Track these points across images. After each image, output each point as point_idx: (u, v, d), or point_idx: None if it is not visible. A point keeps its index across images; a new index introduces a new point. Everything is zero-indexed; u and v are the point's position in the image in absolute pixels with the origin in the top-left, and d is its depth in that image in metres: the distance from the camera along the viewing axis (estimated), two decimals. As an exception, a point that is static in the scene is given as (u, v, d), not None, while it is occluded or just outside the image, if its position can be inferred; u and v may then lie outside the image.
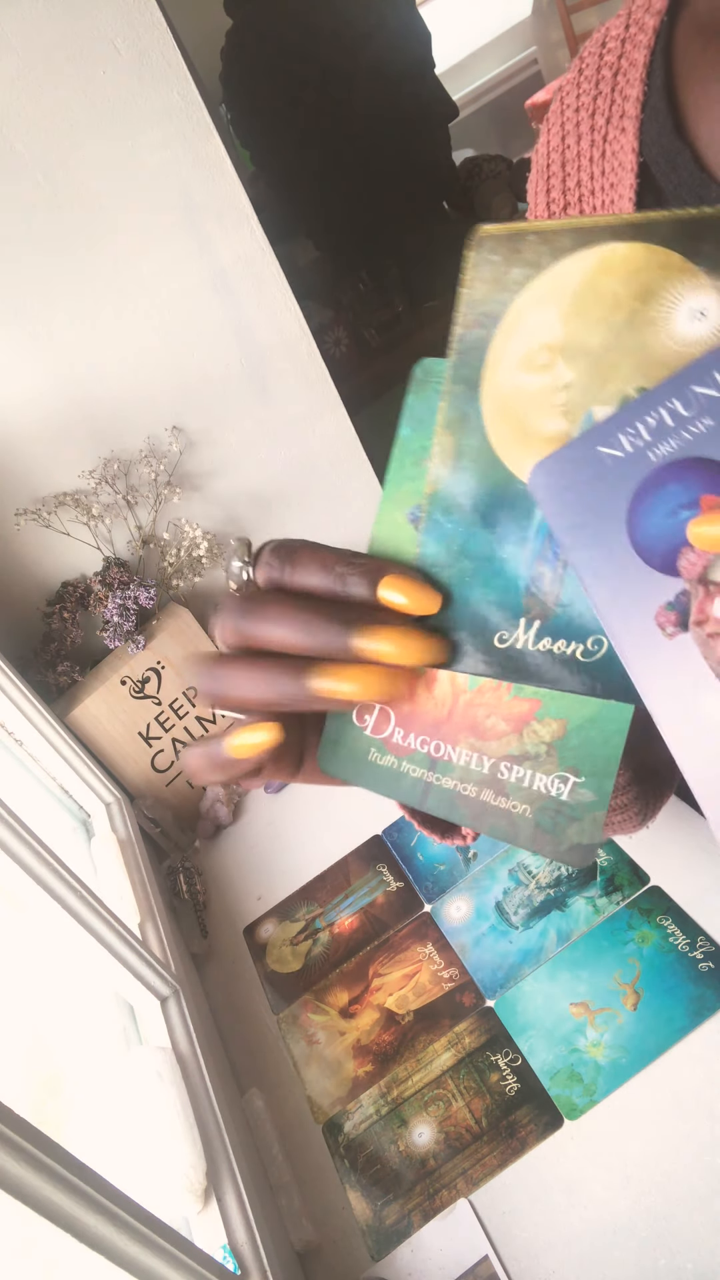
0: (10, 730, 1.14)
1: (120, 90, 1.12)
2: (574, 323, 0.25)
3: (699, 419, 0.23)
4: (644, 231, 0.24)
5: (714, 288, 0.24)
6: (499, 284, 0.26)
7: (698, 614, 0.23)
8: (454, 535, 0.27)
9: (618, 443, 0.24)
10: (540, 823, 0.27)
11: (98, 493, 1.32)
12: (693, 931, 0.86)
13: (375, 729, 0.29)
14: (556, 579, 0.26)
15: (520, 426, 0.26)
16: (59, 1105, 0.84)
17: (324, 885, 1.16)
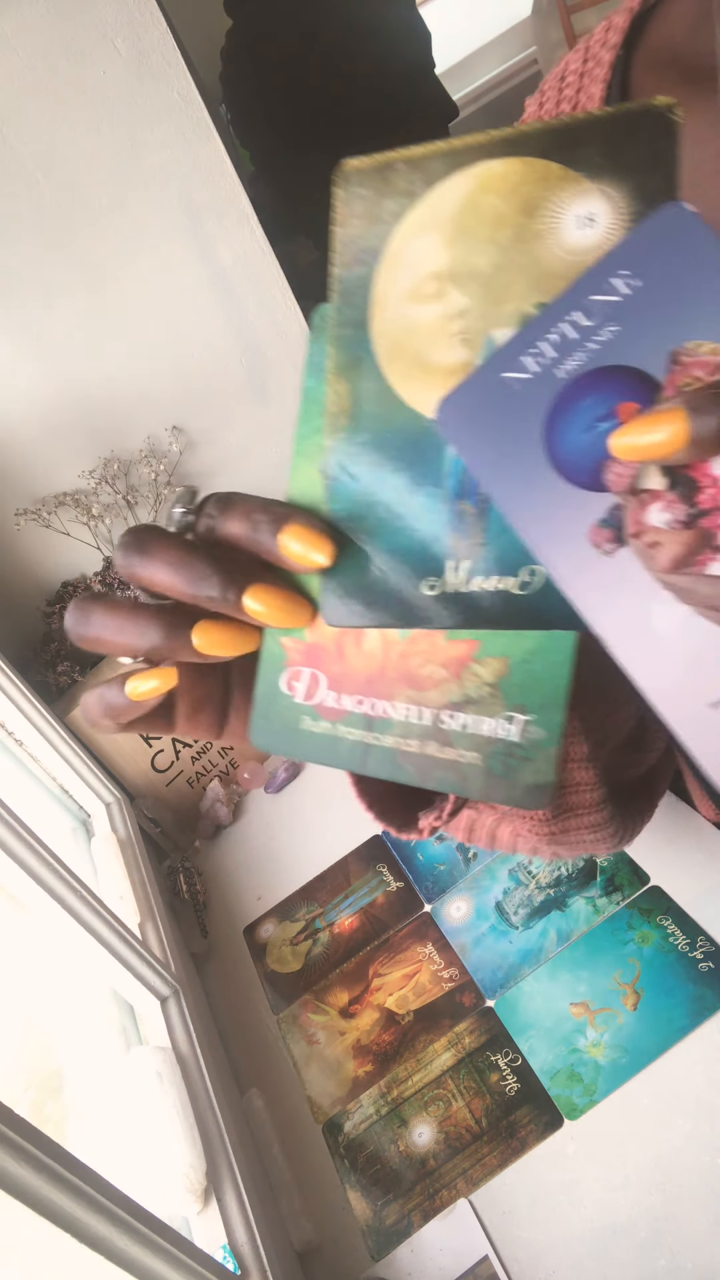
0: (10, 730, 1.14)
1: (120, 90, 1.12)
2: (459, 247, 0.24)
3: (603, 327, 0.22)
4: (518, 145, 0.24)
5: (599, 191, 0.23)
6: (373, 218, 0.25)
7: (633, 526, 0.22)
8: (363, 485, 0.26)
9: (522, 365, 0.23)
10: (492, 768, 0.25)
11: (98, 493, 1.32)
12: (693, 931, 0.86)
13: (306, 695, 0.28)
14: (480, 514, 0.25)
15: (418, 361, 0.25)
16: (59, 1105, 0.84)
17: (324, 885, 1.16)
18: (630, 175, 0.23)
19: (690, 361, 0.22)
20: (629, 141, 0.23)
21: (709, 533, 0.21)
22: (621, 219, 0.23)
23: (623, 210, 0.23)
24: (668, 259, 0.22)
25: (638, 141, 0.23)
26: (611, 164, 0.23)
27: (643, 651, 0.22)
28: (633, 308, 0.22)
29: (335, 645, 0.28)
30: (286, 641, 0.28)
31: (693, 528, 0.21)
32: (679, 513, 0.22)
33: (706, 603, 0.22)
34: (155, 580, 0.27)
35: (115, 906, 1.04)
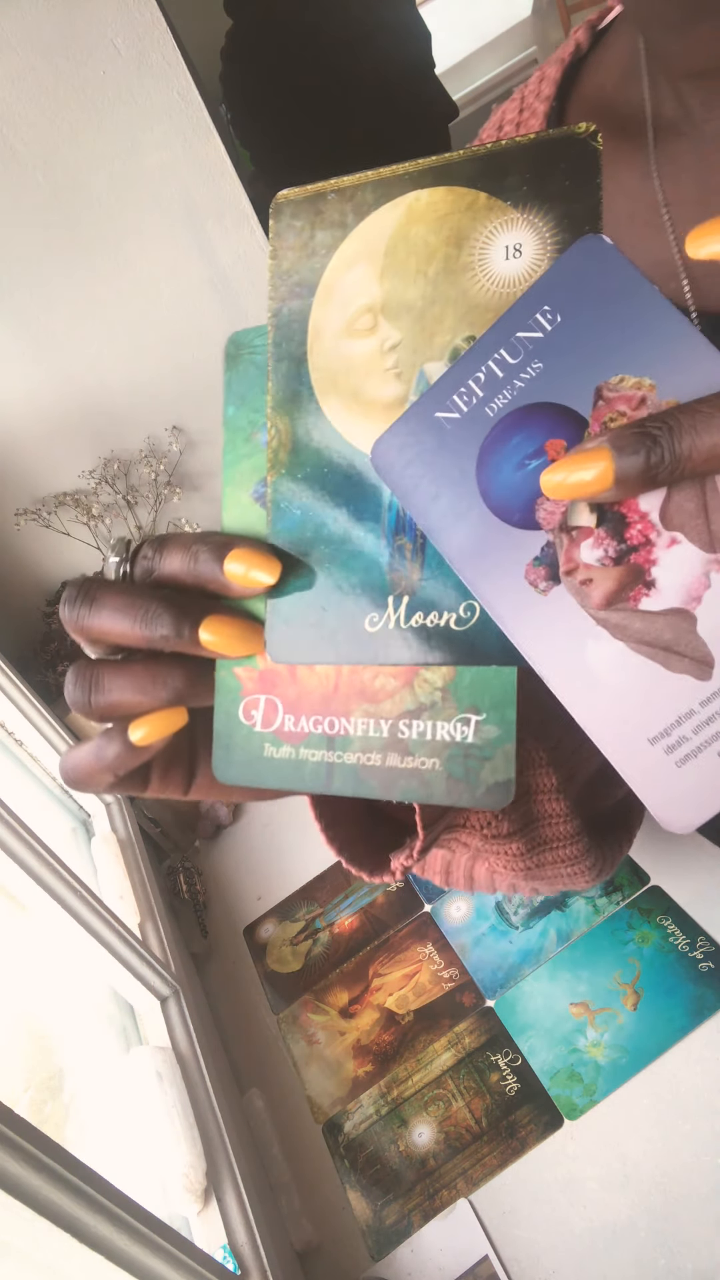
0: (10, 730, 1.14)
1: (120, 90, 1.12)
2: (390, 279, 0.24)
3: (528, 364, 0.22)
4: (444, 174, 0.24)
5: (525, 221, 0.23)
6: (307, 250, 0.25)
7: (566, 563, 0.22)
8: (305, 521, 0.26)
9: (453, 404, 0.23)
10: (452, 772, 0.25)
11: (98, 493, 1.32)
12: (693, 931, 0.86)
13: (264, 722, 0.28)
14: (417, 550, 0.25)
15: (355, 396, 0.25)
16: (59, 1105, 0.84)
17: (324, 885, 1.16)
18: (554, 204, 0.23)
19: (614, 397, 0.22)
20: (552, 169, 0.23)
21: (639, 568, 0.22)
22: (547, 249, 0.23)
23: (548, 240, 0.23)
24: (586, 292, 0.22)
25: (561, 169, 0.23)
26: (536, 192, 0.23)
27: (581, 688, 0.22)
28: (555, 343, 0.22)
29: (288, 668, 0.27)
30: (239, 671, 0.28)
31: (623, 564, 0.22)
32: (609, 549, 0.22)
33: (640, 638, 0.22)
34: (106, 629, 0.26)
35: (115, 906, 1.04)
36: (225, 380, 0.28)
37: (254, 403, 0.28)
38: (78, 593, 0.26)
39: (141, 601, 0.26)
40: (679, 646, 0.21)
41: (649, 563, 0.21)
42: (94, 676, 0.27)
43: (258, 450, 0.28)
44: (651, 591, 0.22)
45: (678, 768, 0.21)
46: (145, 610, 0.26)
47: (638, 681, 0.22)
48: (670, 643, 0.22)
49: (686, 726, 0.21)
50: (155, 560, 0.27)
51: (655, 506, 0.21)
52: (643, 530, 0.21)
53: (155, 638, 0.26)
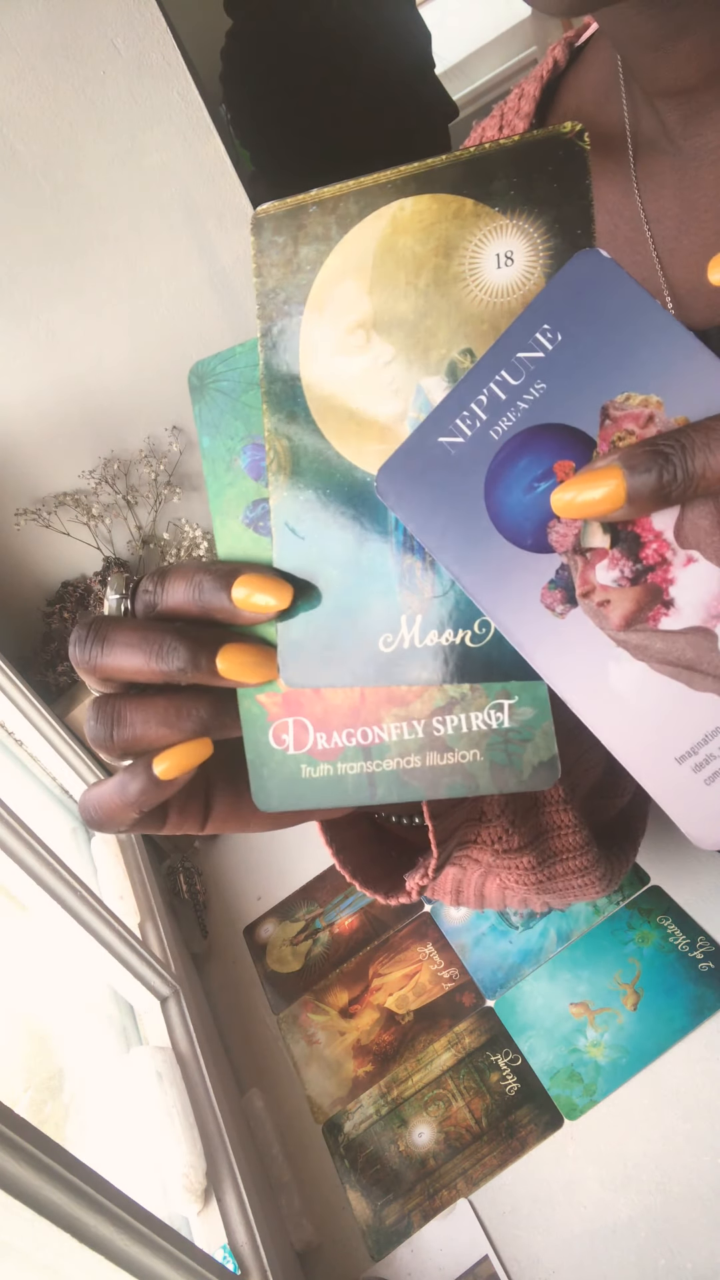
0: (10, 730, 1.14)
1: (120, 90, 1.12)
2: (380, 293, 0.24)
3: (530, 385, 0.22)
4: (428, 181, 0.23)
5: (515, 227, 0.22)
6: (291, 266, 0.24)
7: (582, 585, 0.22)
8: (309, 544, 0.26)
9: (456, 429, 0.23)
10: (495, 760, 0.25)
11: (98, 493, 1.32)
12: (693, 931, 0.86)
13: (296, 744, 0.27)
14: (427, 568, 0.25)
15: (352, 415, 0.25)
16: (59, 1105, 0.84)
17: (324, 885, 1.16)
18: (544, 208, 0.22)
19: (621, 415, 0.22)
20: (539, 172, 0.22)
21: (657, 588, 0.21)
22: (540, 256, 0.22)
23: (540, 247, 0.22)
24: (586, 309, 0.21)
25: (548, 172, 0.22)
26: (524, 197, 0.22)
27: (605, 710, 0.22)
28: (558, 362, 0.22)
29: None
30: (262, 698, 0.27)
31: (640, 584, 0.21)
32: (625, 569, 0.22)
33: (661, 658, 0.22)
34: (120, 666, 0.26)
35: (115, 906, 1.04)
36: (195, 412, 0.27)
37: (228, 429, 0.27)
38: (88, 633, 0.26)
39: (155, 636, 0.25)
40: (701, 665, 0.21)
41: (666, 582, 0.21)
42: (116, 711, 0.26)
43: (240, 476, 0.27)
44: (670, 611, 0.21)
45: (706, 785, 0.21)
46: (159, 644, 0.25)
47: (662, 701, 0.22)
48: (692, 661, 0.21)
49: (714, 744, 0.21)
50: (157, 594, 0.26)
51: (669, 525, 0.21)
52: (658, 549, 0.21)
53: (172, 671, 0.25)
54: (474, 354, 0.23)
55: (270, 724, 0.27)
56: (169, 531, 1.38)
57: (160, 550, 1.38)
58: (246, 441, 0.27)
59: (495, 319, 0.23)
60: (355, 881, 0.40)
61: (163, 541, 1.38)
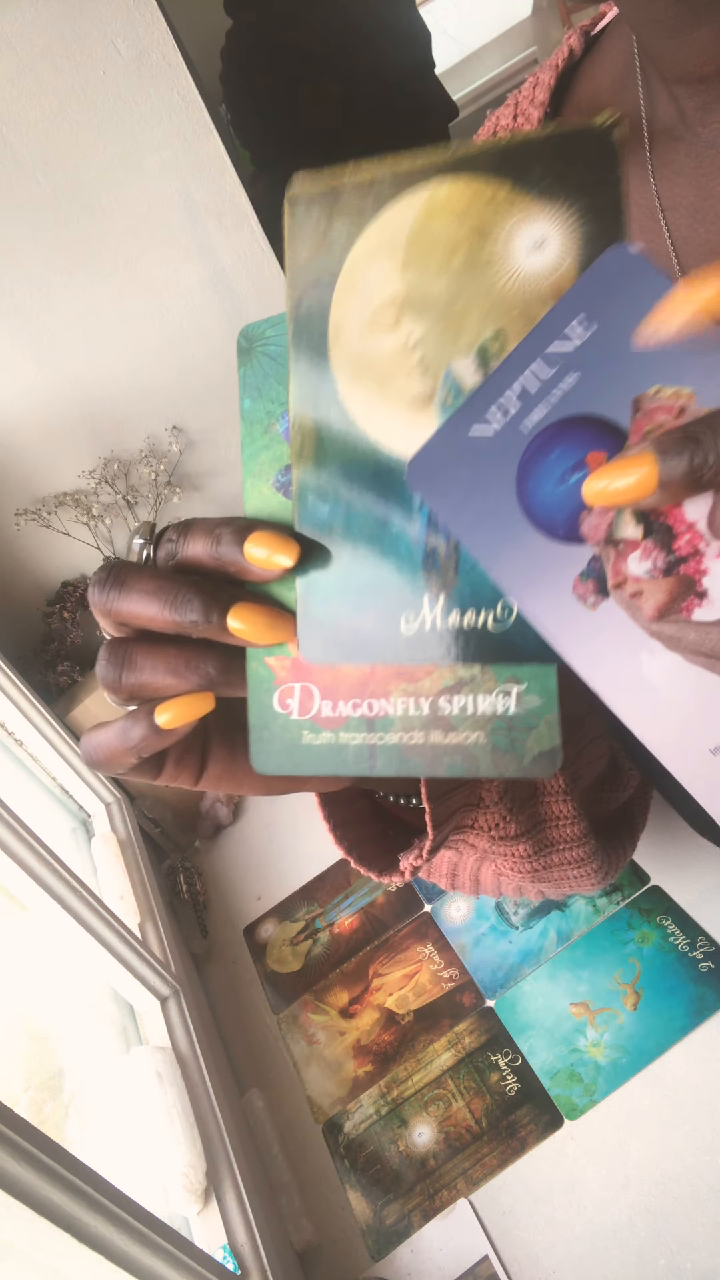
0: (10, 730, 1.14)
1: (120, 90, 1.12)
2: (413, 273, 0.24)
3: (563, 377, 0.22)
4: (467, 165, 0.23)
5: (550, 214, 0.23)
6: (324, 242, 0.24)
7: (614, 577, 0.22)
8: (333, 519, 0.26)
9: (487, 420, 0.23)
10: (497, 744, 0.25)
11: (98, 493, 1.32)
12: (693, 931, 0.86)
13: (301, 710, 0.27)
14: (451, 549, 0.25)
15: (379, 393, 0.25)
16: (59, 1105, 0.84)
17: (324, 885, 1.16)
18: (577, 196, 0.22)
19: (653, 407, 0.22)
20: (573, 161, 0.22)
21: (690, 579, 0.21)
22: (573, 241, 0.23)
23: (573, 232, 0.23)
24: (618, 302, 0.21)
25: (581, 161, 0.22)
26: (559, 184, 0.22)
27: (637, 702, 0.22)
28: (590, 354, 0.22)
29: None
30: (271, 661, 0.27)
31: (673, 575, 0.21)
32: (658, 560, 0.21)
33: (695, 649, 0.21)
34: (136, 612, 0.26)
35: (115, 906, 1.04)
36: (240, 374, 0.27)
37: (270, 394, 0.27)
38: (108, 575, 0.26)
39: (171, 586, 0.26)
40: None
41: (699, 573, 0.21)
42: (127, 654, 0.27)
43: (277, 440, 0.27)
44: (704, 602, 0.21)
45: None
46: (175, 594, 0.25)
47: (696, 693, 0.22)
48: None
49: None
50: (179, 544, 0.27)
51: (703, 515, 0.21)
52: (691, 540, 0.21)
53: (184, 622, 0.26)
54: (504, 337, 0.23)
55: (276, 688, 0.27)
56: (169, 531, 1.38)
57: (160, 550, 1.38)
58: (287, 407, 0.27)
59: (526, 303, 0.23)
60: (351, 858, 0.40)
61: (163, 541, 1.38)
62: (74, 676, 1.30)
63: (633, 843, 0.57)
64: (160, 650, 0.27)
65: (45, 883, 0.86)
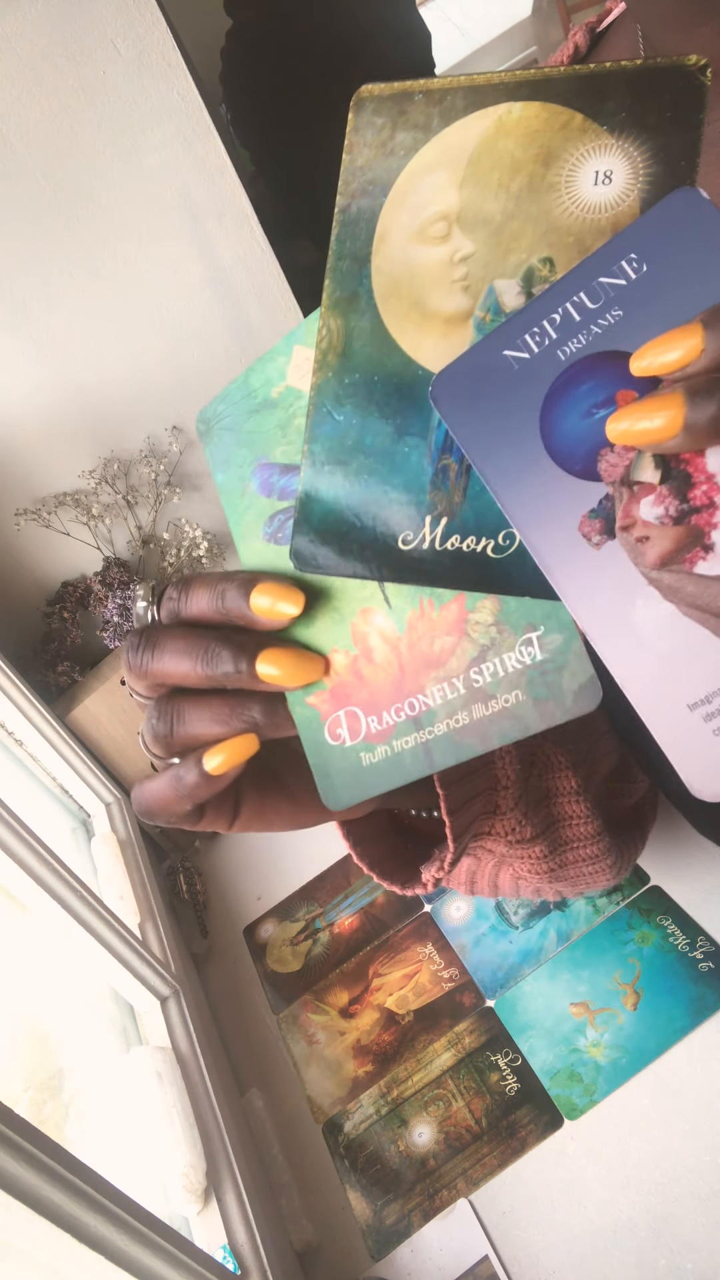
0: (10, 730, 1.14)
1: (120, 90, 1.12)
2: (470, 189, 0.24)
3: (608, 311, 0.22)
4: (542, 89, 0.23)
5: (619, 148, 0.22)
6: (385, 149, 0.24)
7: (624, 518, 0.22)
8: (347, 428, 0.25)
9: (523, 344, 0.22)
10: (538, 696, 0.25)
11: (98, 493, 1.32)
12: (693, 931, 0.86)
13: (351, 735, 0.27)
14: (462, 471, 0.25)
15: (417, 304, 0.24)
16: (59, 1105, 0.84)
17: (324, 885, 1.16)
18: (652, 135, 0.22)
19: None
20: (654, 99, 0.22)
21: (699, 530, 0.21)
22: (639, 180, 0.22)
23: (640, 171, 0.22)
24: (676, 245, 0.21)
25: (663, 100, 0.22)
26: (635, 121, 0.22)
27: (624, 647, 0.22)
28: (639, 292, 0.21)
29: (353, 673, 0.27)
30: (311, 700, 0.28)
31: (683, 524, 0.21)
32: (670, 507, 0.21)
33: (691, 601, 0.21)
34: (170, 671, 0.27)
35: (115, 906, 1.04)
36: (207, 454, 0.28)
37: (237, 461, 0.28)
38: (141, 640, 0.28)
39: (200, 642, 0.27)
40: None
41: (710, 525, 0.21)
42: (176, 710, 0.28)
43: (255, 499, 0.28)
44: (709, 555, 0.21)
45: (714, 735, 0.21)
46: (204, 650, 0.27)
47: (684, 645, 0.21)
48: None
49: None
50: (181, 601, 0.28)
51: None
52: (708, 492, 0.21)
53: (218, 675, 0.27)
54: (554, 263, 0.23)
55: (324, 722, 0.28)
56: (169, 531, 1.38)
57: (160, 550, 1.38)
58: (254, 465, 0.28)
59: (582, 234, 0.23)
60: (373, 874, 0.40)
61: (163, 541, 1.38)
62: (74, 676, 1.30)
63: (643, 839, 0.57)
64: (205, 702, 0.28)
65: (45, 883, 0.86)
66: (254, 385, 0.28)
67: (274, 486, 0.27)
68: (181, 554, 1.35)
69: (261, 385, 0.27)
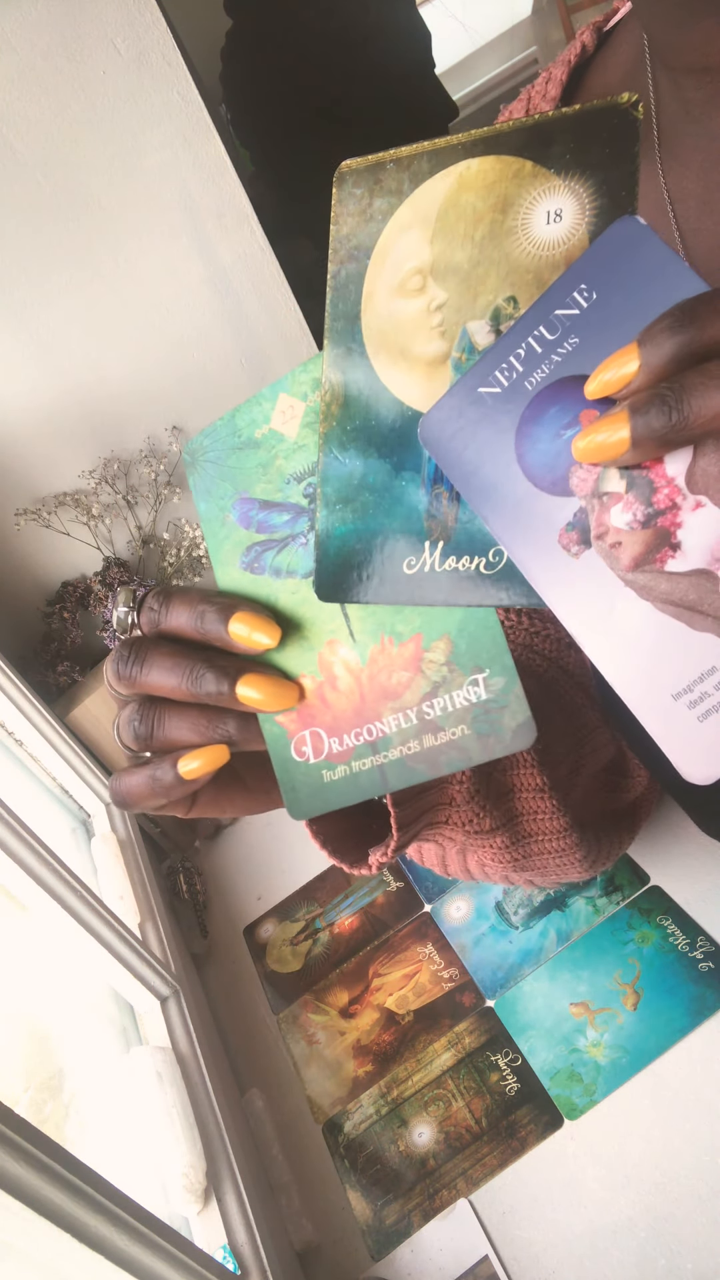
0: (10, 730, 1.14)
1: (120, 90, 1.12)
2: (440, 243, 0.26)
3: (565, 340, 0.24)
4: (494, 144, 0.25)
5: (566, 188, 0.25)
6: (365, 216, 0.27)
7: (597, 527, 0.23)
8: (352, 469, 0.28)
9: (494, 379, 0.25)
10: (479, 731, 0.28)
11: (98, 493, 1.32)
12: (693, 931, 0.86)
13: (315, 753, 0.30)
14: (453, 498, 0.27)
15: (402, 352, 0.27)
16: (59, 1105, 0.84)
17: (324, 885, 1.16)
18: (594, 171, 0.24)
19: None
20: (594, 138, 0.24)
21: (666, 531, 0.23)
22: (585, 215, 0.25)
23: (586, 205, 0.24)
24: (621, 271, 0.23)
25: (602, 138, 0.24)
26: (578, 161, 0.24)
27: (609, 647, 0.24)
28: (592, 319, 0.23)
29: (318, 698, 0.30)
30: (280, 719, 0.30)
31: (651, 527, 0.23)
32: (638, 513, 0.23)
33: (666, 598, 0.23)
34: (156, 685, 0.29)
35: (115, 906, 1.04)
36: (191, 484, 0.31)
37: (218, 492, 0.31)
38: (130, 653, 0.30)
39: (186, 661, 0.29)
40: (703, 606, 0.22)
41: (675, 525, 0.22)
42: (158, 715, 0.30)
43: (234, 529, 0.31)
44: (677, 553, 0.23)
45: (699, 722, 0.23)
46: (190, 669, 0.29)
47: (663, 640, 0.23)
48: (694, 602, 0.22)
49: (709, 683, 0.23)
50: (161, 614, 0.30)
51: (681, 471, 0.22)
52: (669, 494, 0.22)
53: (201, 694, 0.29)
54: (517, 301, 0.25)
55: (290, 740, 0.30)
56: (169, 531, 1.38)
57: (160, 550, 1.38)
58: (234, 498, 0.30)
59: (539, 270, 0.25)
60: (325, 850, 0.42)
61: (163, 541, 1.38)
62: (74, 676, 1.30)
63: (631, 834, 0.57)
64: (184, 712, 0.30)
65: (45, 883, 0.86)
66: (240, 425, 0.30)
67: (252, 520, 0.30)
68: (181, 554, 1.35)
69: (247, 425, 0.30)
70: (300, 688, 0.30)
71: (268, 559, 0.30)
